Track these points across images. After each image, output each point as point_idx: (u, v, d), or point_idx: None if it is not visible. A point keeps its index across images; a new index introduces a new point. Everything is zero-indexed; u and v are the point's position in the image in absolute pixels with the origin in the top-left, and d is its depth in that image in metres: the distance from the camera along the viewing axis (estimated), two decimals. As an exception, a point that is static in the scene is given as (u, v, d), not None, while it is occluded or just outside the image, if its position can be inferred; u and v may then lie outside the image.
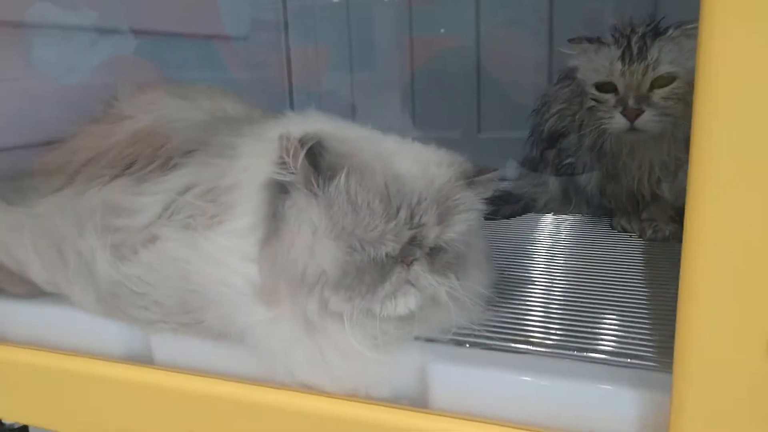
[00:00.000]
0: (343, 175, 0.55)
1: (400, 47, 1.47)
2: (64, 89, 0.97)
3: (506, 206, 1.11)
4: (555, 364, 0.57)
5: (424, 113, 1.45)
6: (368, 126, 0.68)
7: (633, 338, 0.61)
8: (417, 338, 0.60)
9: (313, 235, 0.56)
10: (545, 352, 0.59)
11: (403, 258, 0.56)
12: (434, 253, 0.58)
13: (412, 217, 0.56)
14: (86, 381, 0.68)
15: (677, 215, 0.97)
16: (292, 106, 1.49)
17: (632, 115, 0.88)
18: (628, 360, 0.57)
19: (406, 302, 0.57)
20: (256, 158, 0.63)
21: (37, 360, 0.70)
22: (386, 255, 0.56)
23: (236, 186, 0.62)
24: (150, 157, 0.71)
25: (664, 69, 0.88)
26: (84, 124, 0.84)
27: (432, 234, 0.57)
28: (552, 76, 1.28)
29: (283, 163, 0.57)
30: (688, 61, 0.88)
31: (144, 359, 0.68)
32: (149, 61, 1.12)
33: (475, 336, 0.61)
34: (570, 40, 0.99)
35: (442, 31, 1.45)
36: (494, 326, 0.64)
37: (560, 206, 1.11)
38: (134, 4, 1.10)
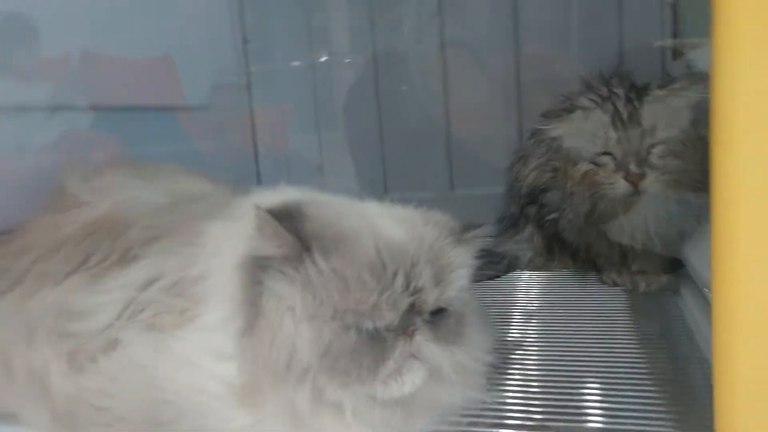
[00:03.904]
0: (321, 248, 0.51)
1: (365, 106, 1.44)
2: (15, 171, 0.89)
3: (489, 266, 1.06)
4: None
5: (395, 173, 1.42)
6: (340, 190, 0.65)
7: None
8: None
9: (297, 318, 0.51)
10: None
11: (404, 329, 0.51)
12: (435, 319, 0.53)
13: (408, 282, 0.51)
14: None
15: (668, 266, 0.94)
16: (258, 171, 1.44)
17: (636, 179, 0.87)
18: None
19: (413, 378, 0.51)
20: (226, 240, 0.58)
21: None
22: (385, 329, 0.50)
23: (206, 274, 0.57)
24: (108, 250, 0.64)
25: (662, 135, 0.87)
26: (35, 212, 0.76)
27: (431, 297, 0.52)
28: (522, 130, 1.25)
29: (259, 238, 0.52)
30: (680, 120, 0.87)
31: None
32: (106, 135, 1.06)
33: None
34: (543, 114, 0.98)
35: (405, 88, 1.43)
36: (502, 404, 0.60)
37: (545, 262, 1.07)
38: (89, 78, 1.04)
